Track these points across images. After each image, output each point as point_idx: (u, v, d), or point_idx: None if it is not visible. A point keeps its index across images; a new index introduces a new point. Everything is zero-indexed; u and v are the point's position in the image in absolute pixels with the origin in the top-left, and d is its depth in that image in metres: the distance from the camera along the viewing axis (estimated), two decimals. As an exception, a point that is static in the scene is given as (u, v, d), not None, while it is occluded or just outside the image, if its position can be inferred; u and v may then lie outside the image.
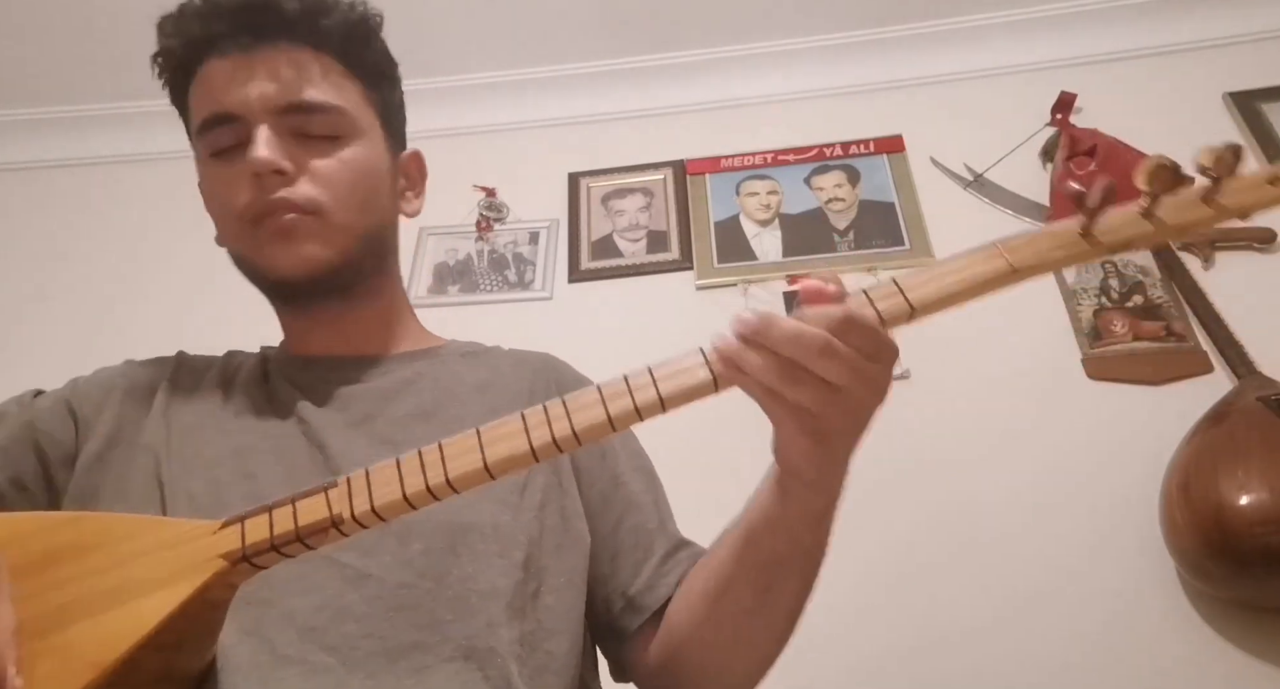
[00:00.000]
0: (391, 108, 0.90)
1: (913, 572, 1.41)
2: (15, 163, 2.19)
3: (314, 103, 0.80)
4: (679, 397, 0.55)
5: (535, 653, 0.71)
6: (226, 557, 0.55)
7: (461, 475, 0.55)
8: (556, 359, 0.94)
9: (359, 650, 0.65)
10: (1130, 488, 1.39)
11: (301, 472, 0.74)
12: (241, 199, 0.78)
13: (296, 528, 0.55)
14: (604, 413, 0.55)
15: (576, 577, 0.77)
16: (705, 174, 1.98)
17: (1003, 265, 0.56)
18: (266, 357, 0.88)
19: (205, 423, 0.79)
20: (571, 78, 2.09)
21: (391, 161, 0.88)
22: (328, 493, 0.56)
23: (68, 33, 1.94)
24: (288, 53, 0.80)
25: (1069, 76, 1.88)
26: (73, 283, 2.01)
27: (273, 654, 0.64)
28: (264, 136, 0.77)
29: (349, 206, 0.80)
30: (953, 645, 1.35)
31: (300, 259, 0.79)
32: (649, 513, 0.83)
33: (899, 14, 2.00)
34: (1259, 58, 1.88)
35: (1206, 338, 1.55)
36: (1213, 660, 1.27)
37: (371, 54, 0.87)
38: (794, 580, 0.70)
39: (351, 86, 0.84)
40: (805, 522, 0.66)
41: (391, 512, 0.56)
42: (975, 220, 1.79)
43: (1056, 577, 1.37)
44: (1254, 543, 1.18)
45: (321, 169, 0.80)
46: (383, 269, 0.88)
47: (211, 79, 0.80)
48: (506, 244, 1.95)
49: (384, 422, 0.79)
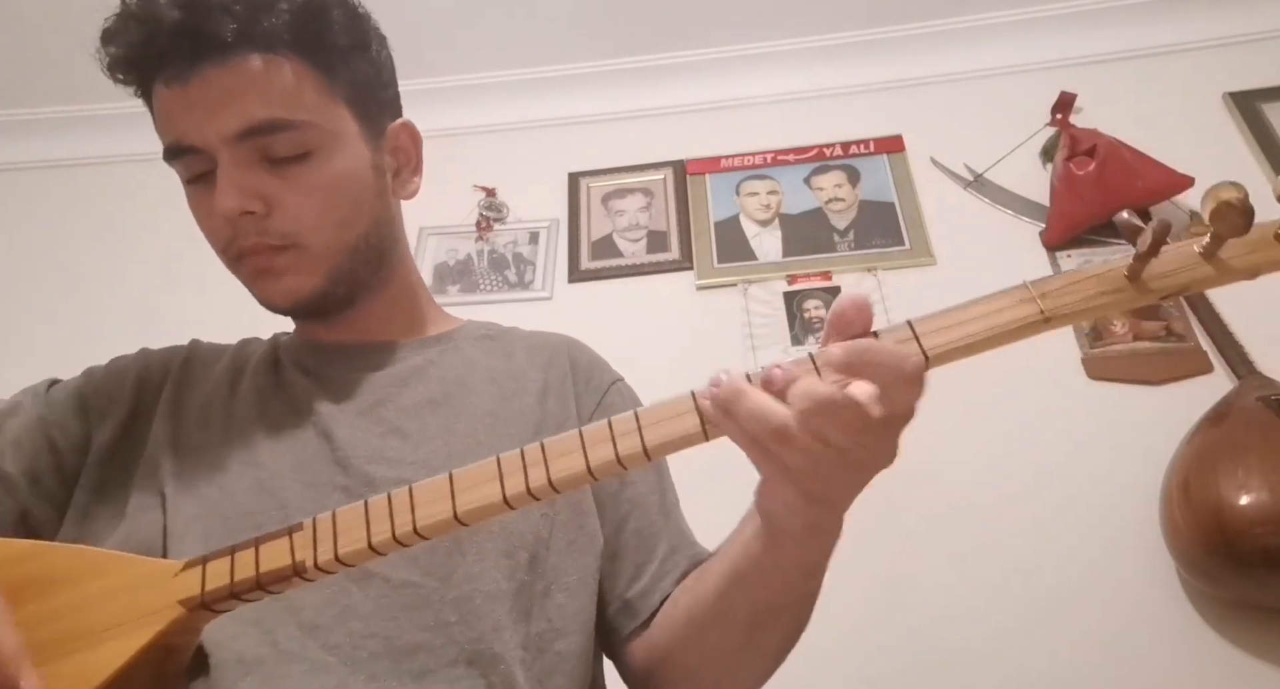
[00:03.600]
0: (366, 84, 0.81)
1: (912, 572, 1.41)
2: (15, 163, 2.20)
3: (269, 122, 0.73)
4: (665, 446, 0.52)
5: (545, 654, 0.70)
6: (185, 603, 0.54)
7: (430, 525, 0.53)
8: (576, 342, 0.92)
9: (362, 651, 0.64)
10: (1130, 488, 1.39)
11: (309, 461, 0.74)
12: (219, 238, 0.77)
13: (258, 575, 0.54)
14: (583, 461, 0.52)
15: (589, 575, 0.76)
16: (705, 174, 1.98)
17: (1033, 312, 0.50)
18: (278, 344, 0.87)
19: (214, 413, 0.79)
20: (571, 78, 2.09)
21: (372, 154, 0.82)
22: (292, 537, 0.54)
23: (69, 33, 1.94)
24: (235, 68, 0.73)
25: (1069, 76, 1.88)
26: (75, 283, 2.01)
27: (275, 648, 0.63)
28: (225, 178, 0.73)
29: (328, 228, 0.77)
30: (953, 645, 1.35)
31: (288, 293, 0.77)
32: (654, 515, 0.82)
33: (899, 14, 2.00)
34: (1259, 58, 1.88)
35: (1206, 338, 1.55)
36: (1213, 660, 1.27)
37: (331, 35, 0.78)
38: (786, 621, 0.68)
39: (313, 86, 0.76)
40: (800, 570, 0.62)
41: (356, 559, 0.53)
42: (975, 220, 1.80)
43: (1056, 576, 1.37)
44: (1254, 543, 1.18)
45: (292, 198, 0.75)
46: (385, 263, 0.85)
47: (163, 108, 0.76)
48: (506, 244, 1.95)
49: (394, 409, 0.78)
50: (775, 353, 1.68)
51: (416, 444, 0.75)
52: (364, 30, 0.82)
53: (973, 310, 0.51)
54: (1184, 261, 0.49)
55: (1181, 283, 0.49)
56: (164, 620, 0.53)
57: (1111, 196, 1.67)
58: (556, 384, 0.84)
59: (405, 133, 0.87)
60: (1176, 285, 0.49)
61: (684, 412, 0.52)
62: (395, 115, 0.87)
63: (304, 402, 0.79)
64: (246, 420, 0.78)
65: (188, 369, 0.83)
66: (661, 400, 0.53)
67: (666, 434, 0.52)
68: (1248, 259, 0.48)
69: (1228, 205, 0.46)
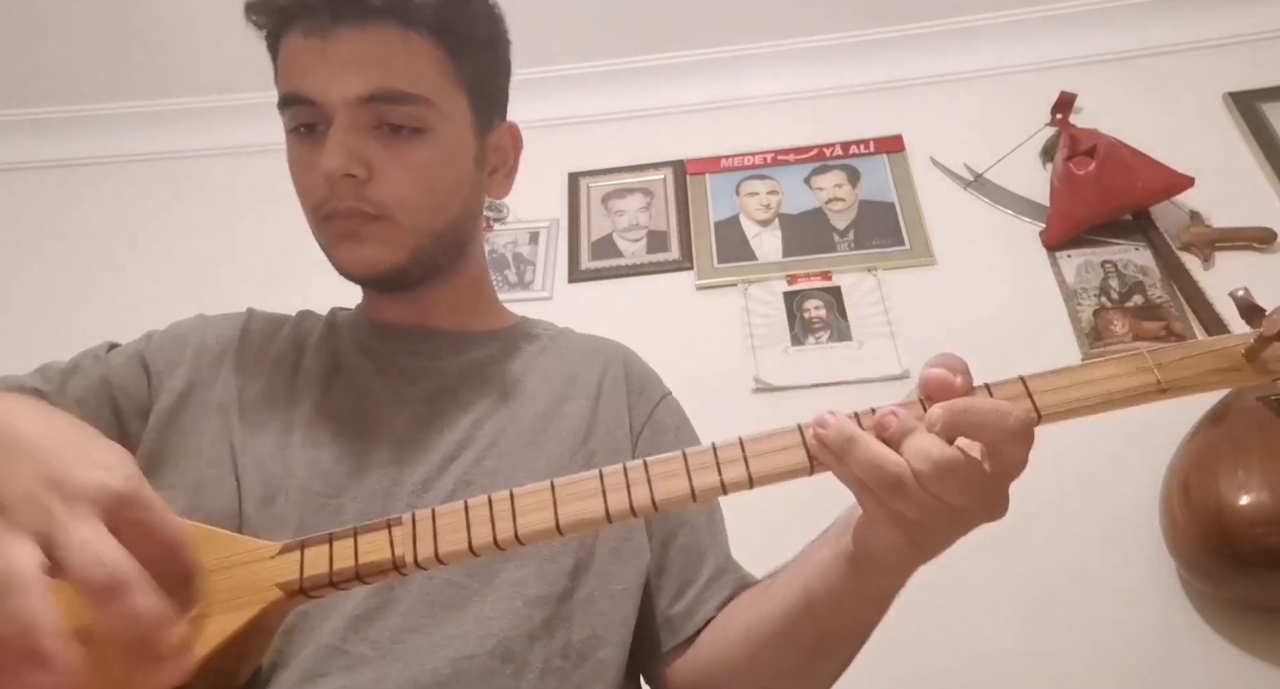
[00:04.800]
0: (486, 81, 0.84)
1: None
2: (15, 163, 2.20)
3: (394, 93, 0.75)
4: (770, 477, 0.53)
5: (587, 662, 0.70)
6: (283, 588, 0.54)
7: (532, 532, 0.54)
8: (623, 348, 0.93)
9: (401, 645, 0.65)
10: (1130, 488, 1.39)
11: (367, 445, 0.74)
12: (314, 195, 0.77)
13: (357, 565, 0.54)
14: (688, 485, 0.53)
15: (633, 587, 0.76)
16: (705, 174, 1.98)
17: (1150, 382, 0.52)
18: (338, 319, 0.88)
19: (276, 387, 0.79)
20: (571, 78, 2.09)
21: (478, 146, 0.84)
22: (391, 530, 0.55)
23: (70, 33, 1.95)
24: (373, 35, 0.75)
25: (1069, 76, 1.88)
26: (77, 284, 2.01)
27: (317, 644, 0.63)
28: (336, 138, 0.74)
29: (421, 208, 0.78)
30: (953, 645, 1.35)
31: (367, 262, 0.78)
32: (701, 533, 0.81)
33: (899, 14, 2.00)
34: (1259, 58, 1.88)
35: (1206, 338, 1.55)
36: (1213, 660, 1.27)
37: (467, 24, 0.80)
38: (848, 649, 0.68)
39: (440, 68, 0.78)
40: (878, 602, 0.63)
41: (455, 559, 0.54)
42: (975, 220, 1.80)
43: (1057, 576, 1.37)
44: (1254, 543, 1.18)
45: (395, 170, 0.76)
46: (462, 254, 0.86)
47: (292, 56, 0.76)
48: (506, 244, 1.95)
49: (450, 403, 0.79)
50: (775, 353, 1.69)
51: (470, 439, 0.76)
52: (498, 28, 0.85)
53: (1089, 373, 0.52)
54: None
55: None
56: (262, 602, 0.54)
57: (1111, 196, 1.67)
58: (610, 389, 0.85)
59: (509, 134, 0.90)
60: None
61: (791, 445, 0.53)
62: (503, 116, 0.89)
63: (364, 384, 0.80)
64: (309, 399, 0.78)
65: (247, 338, 0.84)
66: (767, 430, 0.54)
67: (773, 466, 0.53)
68: None
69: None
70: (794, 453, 0.53)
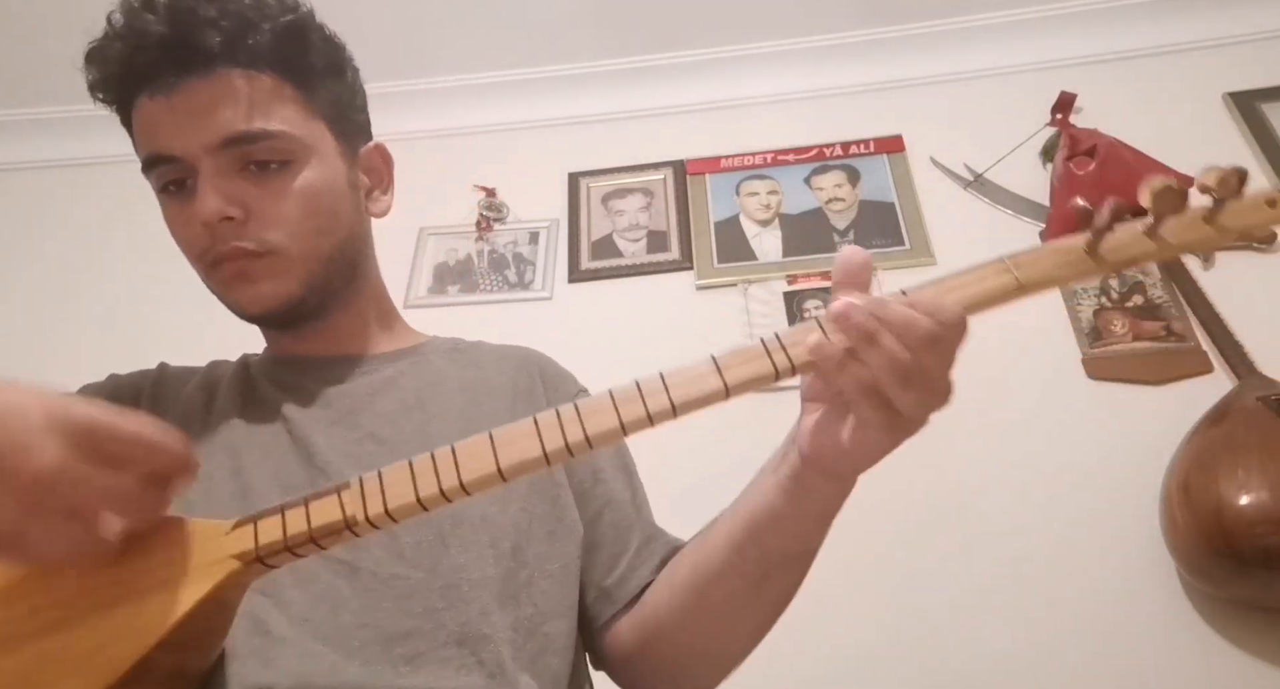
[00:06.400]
0: (341, 106, 0.85)
1: (911, 572, 1.41)
2: (15, 163, 2.20)
3: (253, 133, 0.77)
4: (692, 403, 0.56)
5: (534, 636, 0.72)
6: (240, 557, 0.55)
7: (476, 478, 0.55)
8: (537, 353, 0.94)
9: (353, 640, 0.66)
10: (1130, 488, 1.39)
11: (288, 468, 0.75)
12: (197, 244, 0.79)
13: (310, 529, 0.56)
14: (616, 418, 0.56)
15: (571, 563, 0.78)
16: (705, 174, 1.98)
17: (1010, 281, 0.57)
18: (248, 361, 0.89)
19: (191, 428, 0.79)
20: (571, 78, 2.09)
21: (348, 169, 0.85)
22: (340, 494, 0.56)
23: (70, 33, 1.94)
24: (220, 81, 0.76)
25: (1069, 76, 1.88)
26: (77, 284, 2.02)
27: (267, 636, 0.64)
28: (206, 185, 0.75)
29: (304, 237, 0.79)
30: (952, 646, 1.35)
31: (263, 299, 0.79)
32: (627, 510, 0.84)
33: (898, 14, 2.00)
34: (1259, 58, 1.88)
35: (1206, 338, 1.55)
36: (1213, 660, 1.27)
37: (310, 56, 0.82)
38: (791, 574, 0.71)
39: (293, 101, 0.80)
40: (820, 520, 0.66)
41: (404, 513, 0.56)
42: (975, 220, 1.80)
43: (1057, 576, 1.37)
44: (1254, 543, 1.18)
45: (271, 205, 0.77)
46: (356, 276, 0.87)
47: (145, 119, 0.78)
48: (506, 244, 1.95)
49: (368, 417, 0.80)
50: (775, 353, 1.68)
51: (393, 448, 0.76)
52: (340, 56, 0.86)
53: (959, 279, 0.58)
54: (1132, 238, 0.57)
55: (1130, 256, 0.57)
56: (221, 573, 0.55)
57: (1111, 196, 1.67)
58: (525, 390, 0.87)
59: (378, 153, 0.91)
60: (1125, 258, 0.57)
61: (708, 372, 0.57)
62: (368, 137, 0.91)
63: (279, 413, 0.80)
64: (224, 432, 0.79)
65: (159, 389, 0.84)
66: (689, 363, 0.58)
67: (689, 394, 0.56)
68: (1182, 237, 0.58)
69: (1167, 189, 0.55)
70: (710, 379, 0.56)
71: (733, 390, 0.56)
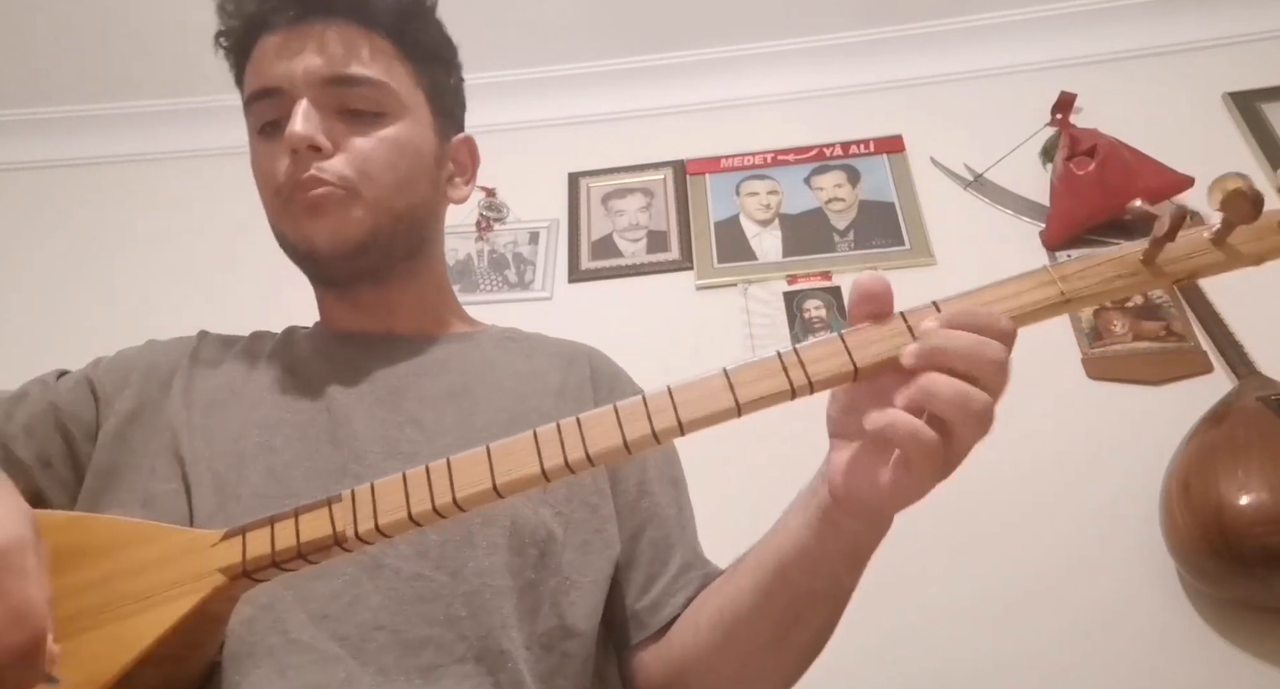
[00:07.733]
0: (443, 90, 0.89)
1: (911, 572, 1.41)
2: (15, 163, 2.20)
3: (358, 76, 0.80)
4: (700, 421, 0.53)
5: (551, 653, 0.70)
6: (226, 571, 0.54)
7: (469, 496, 0.53)
8: (594, 350, 0.93)
9: (371, 643, 0.64)
10: (1130, 488, 1.39)
11: (321, 452, 0.74)
12: (276, 179, 0.79)
13: (299, 544, 0.54)
14: (620, 436, 0.53)
15: (603, 579, 0.76)
16: (705, 174, 1.98)
17: (1054, 294, 0.52)
18: (295, 333, 0.88)
19: (228, 396, 0.79)
20: (571, 78, 2.09)
21: (438, 145, 0.88)
22: (331, 507, 0.55)
23: (70, 33, 1.95)
24: (337, 28, 0.81)
25: (1069, 76, 1.88)
26: (77, 284, 2.01)
27: (285, 637, 0.63)
28: (302, 110, 0.77)
29: (383, 184, 0.80)
30: (951, 646, 1.35)
31: (329, 233, 0.79)
32: (671, 526, 0.82)
33: (898, 14, 2.00)
34: (1259, 58, 1.88)
35: (1206, 338, 1.55)
36: (1213, 660, 1.26)
37: (425, 35, 0.87)
38: (822, 616, 0.69)
39: (401, 66, 0.84)
40: (852, 560, 0.64)
41: (397, 529, 0.54)
42: (975, 220, 1.79)
43: (1056, 576, 1.37)
44: (1254, 543, 1.18)
45: (359, 145, 0.79)
46: (421, 252, 0.87)
47: (261, 55, 0.81)
48: (506, 244, 1.95)
49: (412, 399, 0.79)
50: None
51: (431, 436, 0.76)
52: (451, 51, 0.92)
53: (997, 292, 0.53)
54: (1195, 247, 0.51)
55: (1193, 267, 0.51)
56: (206, 588, 0.54)
57: (1111, 197, 1.67)
58: (574, 387, 0.85)
59: (467, 147, 0.94)
60: (1188, 269, 0.51)
61: (719, 388, 0.53)
62: (460, 129, 0.94)
63: (321, 387, 0.79)
64: (261, 405, 0.78)
65: (199, 356, 0.84)
66: (694, 378, 0.54)
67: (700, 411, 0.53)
68: (1255, 246, 0.50)
69: (1238, 193, 0.47)
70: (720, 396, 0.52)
71: (744, 409, 0.52)
